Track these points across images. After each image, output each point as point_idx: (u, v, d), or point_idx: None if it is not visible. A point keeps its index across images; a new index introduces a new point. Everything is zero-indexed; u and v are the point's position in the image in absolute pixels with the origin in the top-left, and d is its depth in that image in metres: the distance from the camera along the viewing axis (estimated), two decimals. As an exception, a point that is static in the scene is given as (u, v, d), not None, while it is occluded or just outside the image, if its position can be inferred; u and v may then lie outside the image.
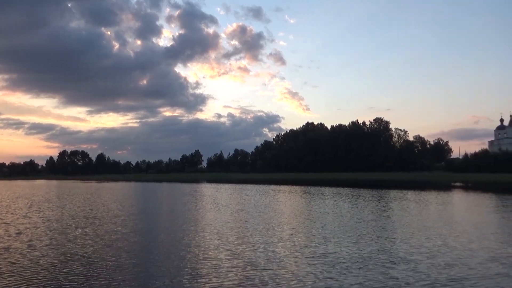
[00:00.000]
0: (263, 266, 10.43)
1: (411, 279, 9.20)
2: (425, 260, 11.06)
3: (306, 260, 11.09)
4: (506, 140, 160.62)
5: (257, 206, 27.66)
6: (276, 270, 10.03)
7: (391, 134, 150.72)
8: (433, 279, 9.20)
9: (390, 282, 8.97)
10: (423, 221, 19.26)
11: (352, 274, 9.61)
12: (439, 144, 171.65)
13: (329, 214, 22.47)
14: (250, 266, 10.45)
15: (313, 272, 9.83)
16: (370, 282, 9.00)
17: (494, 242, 13.88)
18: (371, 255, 11.73)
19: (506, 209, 25.70)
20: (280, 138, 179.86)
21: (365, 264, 10.64)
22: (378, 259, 11.21)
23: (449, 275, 9.51)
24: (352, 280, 9.12)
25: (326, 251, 12.20)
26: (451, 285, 8.75)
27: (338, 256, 11.51)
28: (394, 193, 42.76)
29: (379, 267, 10.32)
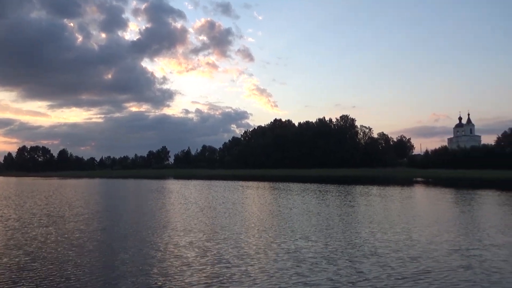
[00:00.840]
0: (232, 263, 10.32)
1: (378, 273, 9.37)
2: (391, 253, 11.32)
3: (276, 256, 11.09)
4: (464, 138, 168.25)
5: (226, 202, 27.53)
6: (246, 267, 9.96)
7: (357, 131, 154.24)
8: (400, 272, 9.40)
9: (359, 277, 9.10)
10: (388, 216, 19.79)
11: (321, 270, 9.67)
12: (402, 141, 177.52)
13: (297, 210, 22.67)
14: (219, 263, 10.32)
15: (283, 268, 9.83)
16: (339, 277, 9.09)
17: (455, 235, 14.42)
18: (339, 250, 11.88)
19: (465, 203, 26.87)
20: (248, 135, 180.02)
21: (333, 259, 10.74)
22: (346, 254, 11.36)
23: (415, 268, 9.75)
24: (321, 276, 9.18)
25: (295, 247, 12.25)
26: (417, 278, 8.96)
27: (307, 252, 11.57)
28: (360, 188, 43.79)
29: (347, 262, 10.46)
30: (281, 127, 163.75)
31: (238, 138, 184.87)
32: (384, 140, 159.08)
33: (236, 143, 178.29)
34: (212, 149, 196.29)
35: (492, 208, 23.74)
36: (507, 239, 13.61)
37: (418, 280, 8.82)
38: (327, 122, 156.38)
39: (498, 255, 11.13)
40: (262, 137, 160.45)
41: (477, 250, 11.84)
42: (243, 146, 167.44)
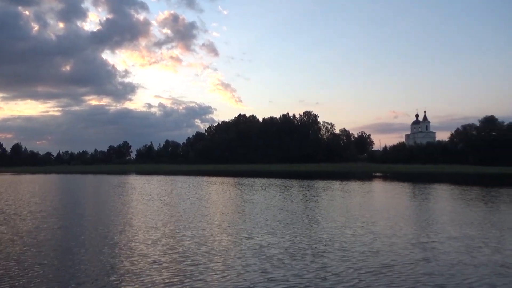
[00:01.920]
0: (197, 260, 10.16)
1: (343, 268, 9.52)
2: (356, 248, 11.54)
3: (241, 252, 11.03)
4: (420, 134, 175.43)
5: (190, 198, 27.25)
6: (211, 264, 9.85)
7: (320, 127, 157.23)
8: (363, 266, 9.60)
9: (324, 272, 9.20)
10: (350, 211, 20.28)
11: (286, 265, 9.71)
12: (362, 137, 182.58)
13: (262, 205, 22.80)
14: (184, 260, 10.11)
15: (248, 264, 9.79)
16: (304, 272, 9.14)
17: (414, 228, 14.94)
18: (304, 245, 11.98)
19: (421, 197, 28.08)
20: (212, 130, 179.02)
21: (298, 254, 10.82)
22: (311, 249, 11.47)
23: (379, 262, 9.99)
24: (286, 272, 9.21)
25: (261, 243, 12.23)
26: (381, 272, 9.17)
27: (272, 248, 11.58)
28: (322, 183, 44.67)
29: (312, 257, 10.56)
30: (245, 123, 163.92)
31: (202, 133, 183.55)
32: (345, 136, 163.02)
33: (200, 138, 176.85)
34: (175, 144, 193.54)
35: (446, 202, 24.92)
36: (463, 231, 14.27)
37: (382, 274, 9.02)
38: (291, 118, 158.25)
39: (455, 248, 11.62)
40: (226, 132, 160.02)
41: (436, 243, 12.29)
42: (207, 141, 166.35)
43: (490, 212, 19.83)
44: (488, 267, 9.54)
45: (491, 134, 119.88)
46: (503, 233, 14.08)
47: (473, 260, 10.19)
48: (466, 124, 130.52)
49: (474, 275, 8.91)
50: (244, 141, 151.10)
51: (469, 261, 10.14)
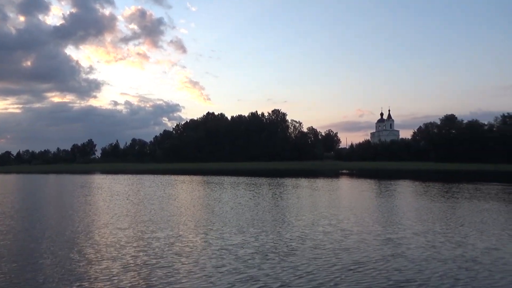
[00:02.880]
0: (166, 262, 9.85)
1: (315, 266, 9.54)
2: (326, 245, 11.60)
3: (212, 253, 10.81)
4: (385, 132, 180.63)
5: (158, 198, 26.69)
6: (180, 265, 9.57)
7: (288, 125, 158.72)
8: (335, 264, 9.65)
9: (295, 270, 9.18)
10: (319, 208, 20.47)
11: (257, 265, 9.62)
12: (329, 135, 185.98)
13: (231, 204, 22.66)
14: (153, 262, 9.79)
15: (219, 265, 9.57)
16: (276, 271, 9.08)
17: (382, 224, 15.24)
18: (274, 244, 11.93)
19: (387, 193, 28.85)
20: (180, 128, 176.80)
21: (269, 253, 10.75)
22: (281, 248, 11.44)
23: (350, 259, 10.08)
24: (257, 271, 9.12)
25: (231, 243, 12.08)
26: (352, 269, 9.25)
27: (242, 247, 11.46)
28: (291, 181, 45.06)
29: (283, 256, 10.52)
30: (214, 121, 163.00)
31: (170, 131, 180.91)
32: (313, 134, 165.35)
33: (167, 136, 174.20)
34: (142, 143, 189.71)
35: (411, 198, 25.71)
36: (428, 227, 14.71)
37: (354, 271, 9.10)
38: (260, 116, 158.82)
39: (422, 243, 11.93)
40: (194, 131, 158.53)
41: (403, 238, 12.59)
42: (175, 139, 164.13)
43: (452, 207, 20.60)
44: (454, 262, 9.83)
45: (451, 132, 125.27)
46: (465, 228, 14.63)
47: (439, 256, 10.47)
48: (428, 123, 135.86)
49: (441, 270, 9.14)
50: (212, 139, 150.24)
51: (436, 256, 10.42)
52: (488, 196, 26.31)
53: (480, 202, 22.96)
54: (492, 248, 11.24)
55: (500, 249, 11.14)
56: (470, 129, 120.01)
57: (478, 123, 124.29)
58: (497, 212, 18.70)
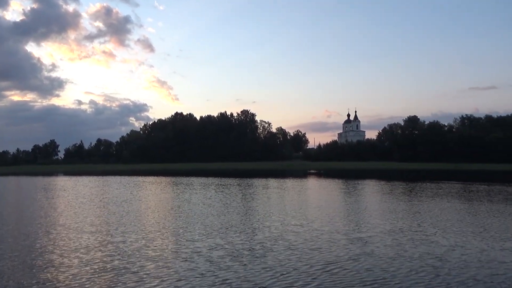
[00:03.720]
0: (136, 266, 9.59)
1: (288, 267, 9.57)
2: (299, 246, 11.68)
3: (183, 256, 10.62)
4: (351, 133, 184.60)
5: (125, 200, 26.02)
6: (149, 270, 9.31)
7: (257, 125, 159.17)
8: (309, 264, 9.72)
9: (270, 272, 9.17)
10: (289, 208, 20.57)
11: (230, 267, 9.55)
12: (298, 135, 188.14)
13: (201, 205, 22.44)
14: (121, 267, 9.51)
15: (191, 268, 9.45)
16: (250, 273, 9.06)
17: (350, 224, 15.53)
18: (247, 245, 11.91)
19: (355, 192, 29.48)
20: (148, 128, 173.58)
21: (242, 255, 10.72)
22: (254, 249, 11.43)
23: (322, 259, 10.19)
24: (232, 274, 9.06)
25: (202, 245, 11.94)
26: (326, 269, 9.35)
27: (214, 250, 11.36)
28: (260, 181, 45.22)
29: (257, 257, 10.51)
30: (182, 121, 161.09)
31: (137, 132, 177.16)
32: (282, 134, 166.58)
33: (135, 137, 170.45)
34: (108, 143, 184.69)
35: (377, 197, 26.38)
36: (394, 225, 15.14)
37: (328, 271, 9.20)
38: (229, 117, 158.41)
39: (390, 241, 12.26)
40: (162, 131, 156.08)
41: (373, 237, 12.88)
42: (143, 140, 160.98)
43: (416, 206, 21.31)
44: (421, 260, 10.16)
45: (414, 133, 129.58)
46: (429, 226, 15.16)
47: (407, 254, 10.79)
48: (392, 124, 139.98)
49: (409, 268, 9.42)
50: (181, 139, 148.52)
51: (404, 254, 10.73)
52: (450, 195, 27.43)
53: (442, 200, 23.89)
54: (457, 245, 11.69)
55: (464, 246, 11.61)
56: (431, 130, 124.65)
57: (439, 124, 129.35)
58: (459, 210, 19.51)
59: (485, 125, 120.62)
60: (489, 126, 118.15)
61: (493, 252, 10.94)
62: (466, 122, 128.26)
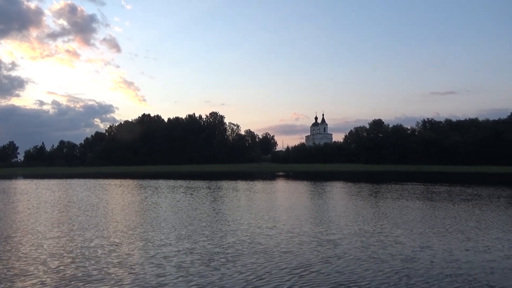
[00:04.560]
0: (102, 274, 9.24)
1: (261, 271, 9.52)
2: (270, 249, 11.65)
3: (152, 261, 10.37)
4: (319, 135, 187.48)
5: (89, 204, 25.15)
6: (118, 277, 9.02)
7: (226, 128, 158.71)
8: (282, 267, 9.72)
9: (238, 278, 9.10)
10: (258, 211, 20.52)
11: (201, 273, 9.40)
12: (266, 138, 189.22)
13: (169, 209, 22.03)
14: (87, 276, 9.13)
15: (161, 274, 9.22)
16: (224, 278, 8.96)
17: (320, 226, 15.66)
18: (218, 250, 11.76)
19: (323, 195, 29.85)
20: (114, 130, 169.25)
21: (214, 260, 10.59)
22: (226, 253, 11.32)
23: (295, 262, 10.21)
24: (199, 280, 8.91)
25: (172, 250, 11.69)
26: (298, 273, 9.37)
27: (185, 255, 11.15)
28: (229, 184, 45.03)
29: (229, 262, 10.40)
30: (150, 123, 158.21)
31: (102, 133, 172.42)
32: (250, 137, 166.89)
33: (99, 139, 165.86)
34: (71, 145, 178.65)
35: (344, 198, 26.80)
36: (363, 227, 15.42)
37: (299, 276, 9.23)
38: (197, 119, 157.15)
39: (359, 243, 12.48)
40: (129, 133, 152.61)
41: (342, 239, 13.06)
42: (108, 142, 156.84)
43: (382, 207, 21.84)
44: (389, 261, 10.40)
45: (378, 136, 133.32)
46: (396, 227, 15.57)
47: (377, 255, 11.02)
48: (358, 127, 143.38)
49: (380, 270, 9.61)
50: (148, 141, 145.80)
51: (374, 255, 10.94)
52: (414, 196, 28.34)
53: (407, 201, 24.63)
54: (423, 246, 12.03)
55: (430, 247, 11.97)
56: (395, 133, 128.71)
57: (402, 128, 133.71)
58: (423, 211, 20.18)
59: (444, 128, 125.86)
60: (448, 129, 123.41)
61: (457, 252, 11.36)
62: (427, 126, 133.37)
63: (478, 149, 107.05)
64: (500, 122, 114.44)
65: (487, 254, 11.05)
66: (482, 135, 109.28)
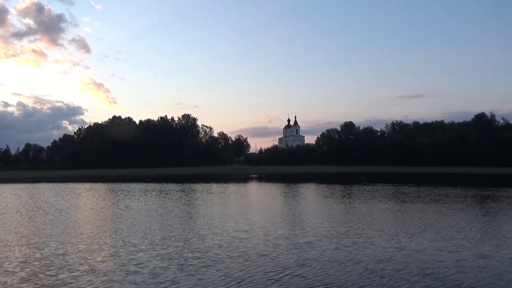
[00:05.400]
0: (74, 284, 8.91)
1: (238, 277, 9.43)
2: (246, 253, 11.58)
3: (125, 269, 10.09)
4: (292, 138, 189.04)
5: (58, 209, 24.23)
6: (91, 285, 8.78)
7: (198, 130, 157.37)
8: (259, 271, 9.66)
9: (216, 283, 8.99)
10: (232, 214, 20.41)
11: (174, 279, 9.22)
12: (239, 140, 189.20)
13: (141, 213, 21.54)
14: (55, 284, 8.75)
15: (134, 282, 8.97)
16: (195, 285, 8.80)
17: (295, 228, 15.76)
18: (193, 255, 11.59)
19: (296, 197, 30.08)
20: (83, 132, 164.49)
21: (189, 266, 10.41)
22: (202, 259, 11.16)
23: (272, 265, 10.17)
24: (175, 286, 8.78)
25: (144, 256, 11.41)
26: (277, 275, 9.34)
27: (158, 261, 10.92)
28: (202, 187, 44.66)
29: (207, 267, 10.25)
30: (120, 125, 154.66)
31: (71, 136, 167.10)
32: (223, 139, 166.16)
33: (68, 141, 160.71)
34: (38, 148, 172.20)
35: (317, 200, 27.12)
36: (337, 229, 15.63)
37: (276, 278, 9.20)
38: (169, 121, 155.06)
39: (334, 245, 12.59)
40: (99, 135, 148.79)
41: (318, 242, 13.13)
42: (77, 144, 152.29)
43: (356, 208, 22.21)
44: (366, 263, 10.55)
45: (349, 138, 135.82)
46: (369, 228, 15.86)
47: (352, 255, 11.17)
48: (330, 129, 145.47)
49: (358, 272, 9.72)
50: (119, 144, 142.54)
51: (350, 257, 11.07)
52: (386, 197, 28.98)
53: (380, 202, 25.15)
54: (397, 247, 12.27)
55: (402, 248, 12.23)
56: (366, 135, 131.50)
57: (372, 130, 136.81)
58: (395, 212, 20.64)
59: (413, 131, 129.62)
60: (416, 132, 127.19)
61: (429, 252, 11.65)
62: (396, 128, 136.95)
63: (443, 151, 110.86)
64: (465, 124, 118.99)
65: (457, 253, 11.40)
66: (448, 137, 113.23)
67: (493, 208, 22.19)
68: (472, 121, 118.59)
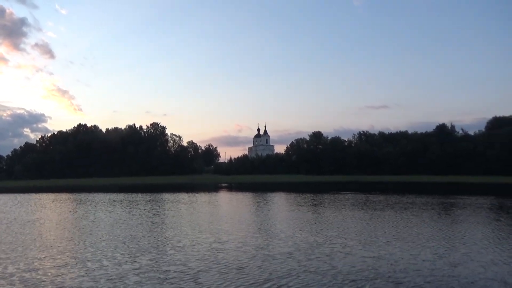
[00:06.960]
0: None
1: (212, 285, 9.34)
2: (226, 265, 11.38)
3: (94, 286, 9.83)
4: (261, 147, 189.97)
5: (19, 222, 23.01)
6: None
7: (167, 139, 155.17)
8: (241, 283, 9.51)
9: None
10: (202, 224, 20.09)
11: None
12: (209, 149, 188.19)
13: (108, 225, 20.78)
14: None
15: None
16: None
17: (267, 238, 15.66)
18: (161, 269, 11.24)
19: (269, 205, 30.02)
20: (46, 140, 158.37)
21: (163, 281, 10.11)
22: (173, 272, 10.86)
23: (255, 278, 10.03)
24: None
25: (115, 272, 10.96)
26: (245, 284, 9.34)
27: (128, 276, 10.54)
28: (171, 196, 43.87)
29: (180, 281, 10.00)
30: (86, 133, 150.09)
31: (33, 144, 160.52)
32: (193, 148, 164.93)
33: (30, 150, 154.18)
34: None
35: (288, 209, 27.16)
36: (309, 238, 15.67)
37: None
38: (137, 129, 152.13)
39: (308, 255, 12.59)
40: (63, 144, 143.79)
41: (300, 252, 13.10)
42: (39, 153, 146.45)
43: (329, 217, 22.35)
44: (348, 273, 10.60)
45: (318, 147, 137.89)
46: (343, 237, 16.01)
47: (335, 263, 11.23)
48: (299, 138, 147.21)
49: (340, 281, 9.76)
50: (84, 153, 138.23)
51: (329, 268, 11.09)
52: (356, 205, 29.45)
53: (352, 211, 25.49)
54: (376, 256, 12.44)
55: (380, 258, 12.40)
56: (333, 145, 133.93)
57: (340, 140, 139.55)
58: (366, 220, 20.95)
59: (378, 140, 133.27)
60: (382, 141, 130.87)
61: (405, 260, 11.88)
62: (363, 138, 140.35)
63: (408, 160, 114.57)
64: (427, 135, 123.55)
65: (431, 262, 11.66)
66: (412, 147, 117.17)
67: (459, 215, 23.01)
68: (433, 132, 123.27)
